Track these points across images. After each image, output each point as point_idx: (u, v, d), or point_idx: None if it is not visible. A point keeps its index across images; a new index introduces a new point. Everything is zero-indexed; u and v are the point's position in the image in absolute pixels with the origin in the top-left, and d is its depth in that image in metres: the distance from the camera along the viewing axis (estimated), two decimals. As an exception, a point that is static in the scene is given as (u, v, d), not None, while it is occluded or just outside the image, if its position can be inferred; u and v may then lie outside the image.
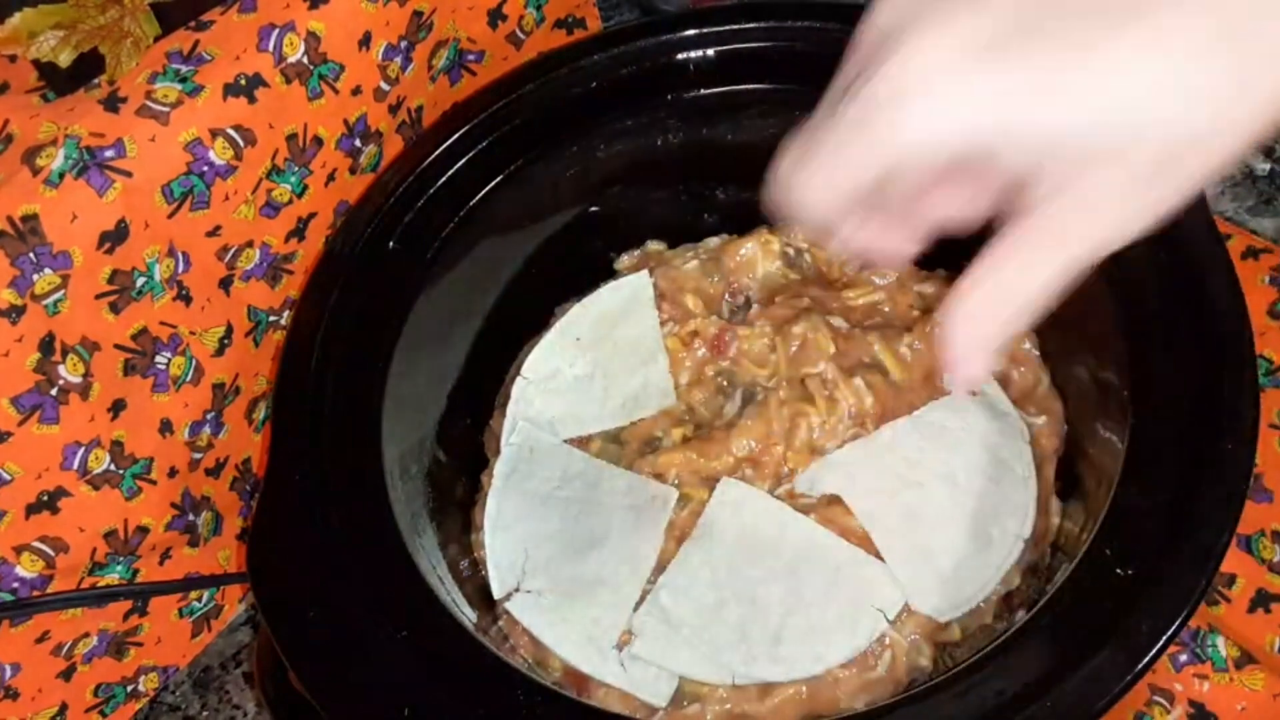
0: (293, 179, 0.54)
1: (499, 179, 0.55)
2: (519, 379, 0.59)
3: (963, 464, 0.51)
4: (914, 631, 0.48)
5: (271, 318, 0.58)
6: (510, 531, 0.54)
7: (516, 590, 0.52)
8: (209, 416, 0.56)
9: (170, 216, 0.50)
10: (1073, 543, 0.49)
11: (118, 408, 0.51)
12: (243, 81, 0.50)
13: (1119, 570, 0.39)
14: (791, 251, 0.62)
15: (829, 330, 0.56)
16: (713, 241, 0.64)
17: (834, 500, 0.51)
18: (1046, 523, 0.51)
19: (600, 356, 0.59)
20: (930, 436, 0.53)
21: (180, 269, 0.51)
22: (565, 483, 0.55)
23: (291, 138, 0.53)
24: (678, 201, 0.63)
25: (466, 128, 0.56)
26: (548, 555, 0.53)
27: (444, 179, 0.55)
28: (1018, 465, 0.52)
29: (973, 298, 0.30)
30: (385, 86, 0.56)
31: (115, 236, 0.48)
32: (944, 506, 0.50)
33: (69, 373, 0.48)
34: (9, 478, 0.48)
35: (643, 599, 0.51)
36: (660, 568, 0.51)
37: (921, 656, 0.48)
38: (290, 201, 0.55)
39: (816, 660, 0.47)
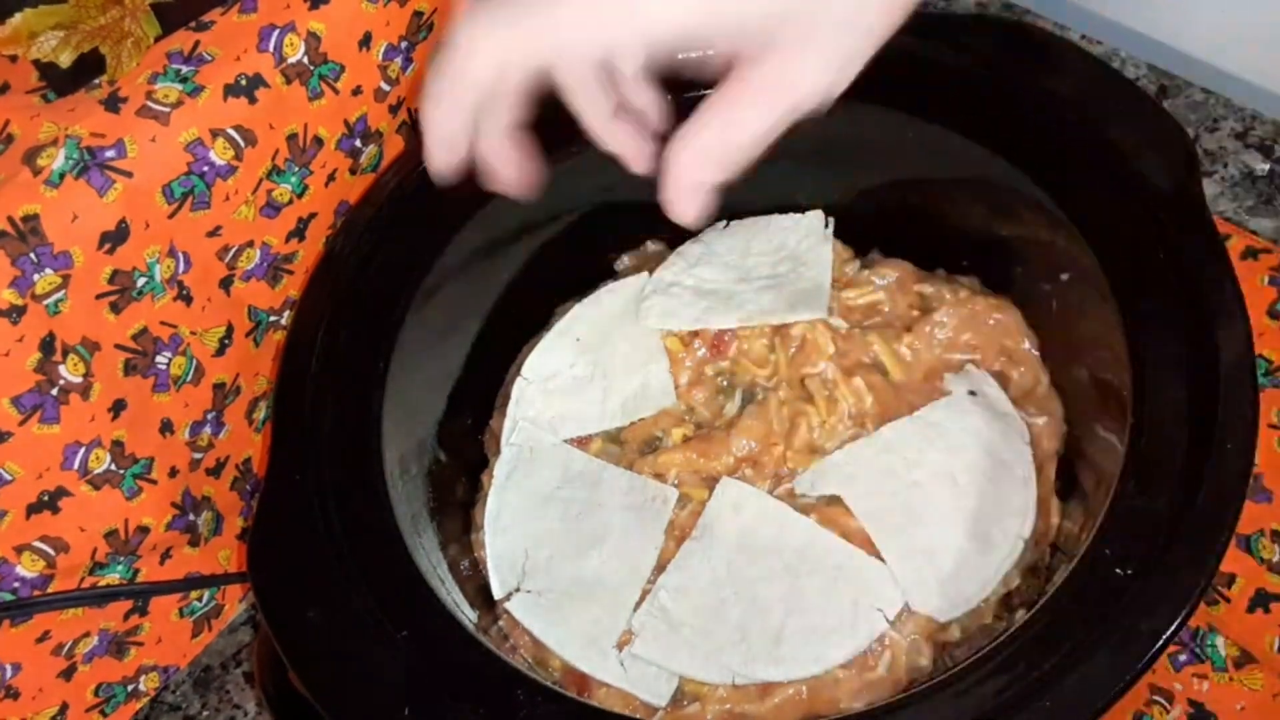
0: (293, 179, 0.54)
1: (499, 179, 0.55)
2: (519, 379, 0.59)
3: (963, 464, 0.51)
4: (914, 632, 0.48)
5: (271, 318, 0.58)
6: (510, 532, 0.54)
7: (516, 590, 0.52)
8: (209, 416, 0.56)
9: (171, 216, 0.50)
10: (1073, 543, 0.49)
11: (118, 408, 0.51)
12: (243, 82, 0.50)
13: (1119, 570, 0.39)
14: (791, 252, 0.62)
15: (829, 330, 0.56)
16: (713, 242, 0.64)
17: (834, 500, 0.51)
18: (1047, 523, 0.51)
19: (600, 357, 0.59)
20: (930, 437, 0.53)
21: (181, 269, 0.52)
22: (565, 483, 0.55)
23: (292, 138, 0.53)
24: (678, 201, 0.63)
25: (467, 128, 0.55)
26: (548, 555, 0.53)
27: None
28: (1018, 466, 0.52)
29: (694, 143, 0.36)
30: (385, 87, 0.56)
31: (116, 236, 0.48)
32: (944, 507, 0.50)
33: (69, 373, 0.48)
34: (9, 478, 0.48)
35: (643, 599, 0.51)
36: (660, 568, 0.51)
37: (921, 656, 0.48)
38: (290, 201, 0.55)
39: (816, 660, 0.47)
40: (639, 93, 0.41)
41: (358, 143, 0.56)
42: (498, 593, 0.53)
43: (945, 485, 0.51)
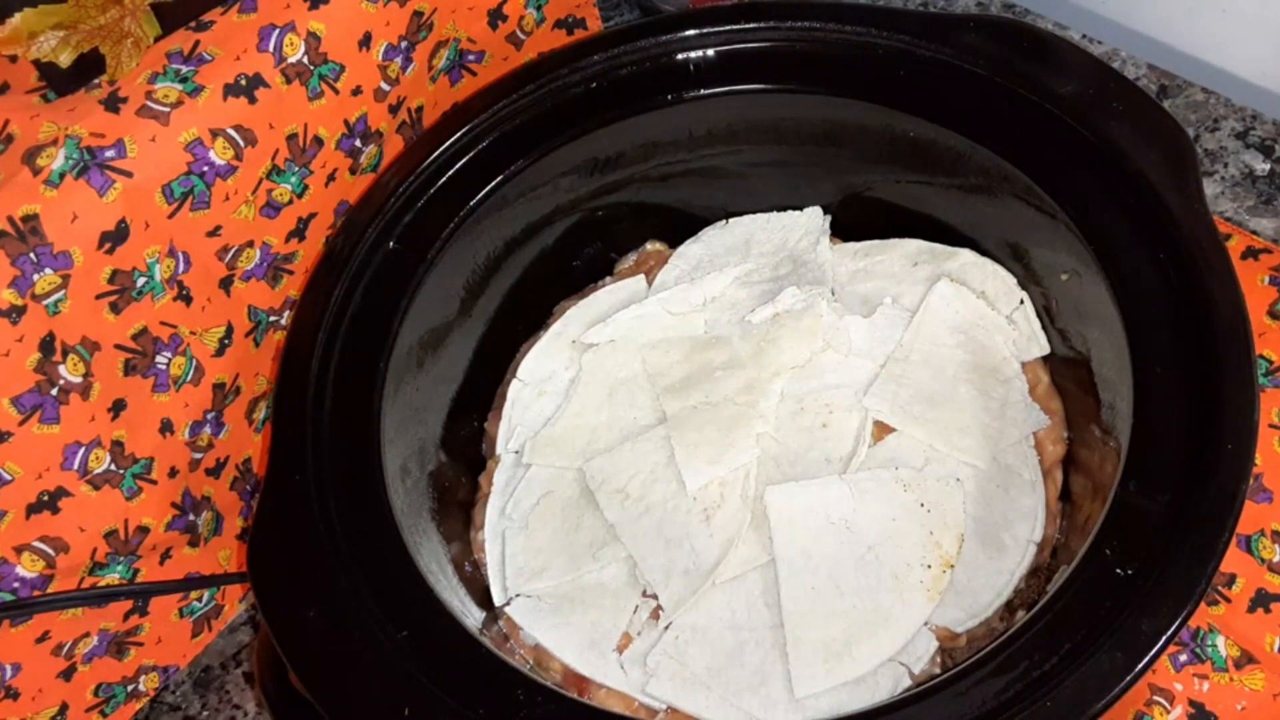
0: (293, 179, 0.54)
1: (499, 179, 0.55)
2: (514, 382, 0.59)
3: (969, 472, 0.51)
4: (929, 652, 0.48)
5: (271, 318, 0.58)
6: (509, 538, 0.54)
7: (517, 595, 0.52)
8: (209, 416, 0.56)
9: (170, 216, 0.50)
10: (1072, 543, 0.49)
11: (118, 408, 0.51)
12: (243, 82, 0.50)
13: (1119, 570, 0.39)
14: (791, 251, 0.62)
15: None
16: (713, 242, 0.64)
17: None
18: (1054, 526, 0.51)
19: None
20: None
21: (180, 269, 0.51)
22: (564, 488, 0.55)
23: (292, 138, 0.53)
24: (678, 201, 0.63)
25: (466, 128, 0.56)
26: (547, 560, 0.53)
27: (444, 179, 0.55)
28: (1024, 470, 0.51)
29: None
30: (385, 86, 0.56)
31: (115, 236, 0.48)
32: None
33: (69, 373, 0.48)
34: (9, 478, 0.48)
35: (642, 602, 0.51)
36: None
37: (934, 667, 0.48)
38: (290, 201, 0.55)
39: (835, 709, 0.46)
40: None
41: (358, 143, 0.56)
42: (498, 598, 0.53)
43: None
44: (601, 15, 0.69)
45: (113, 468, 0.51)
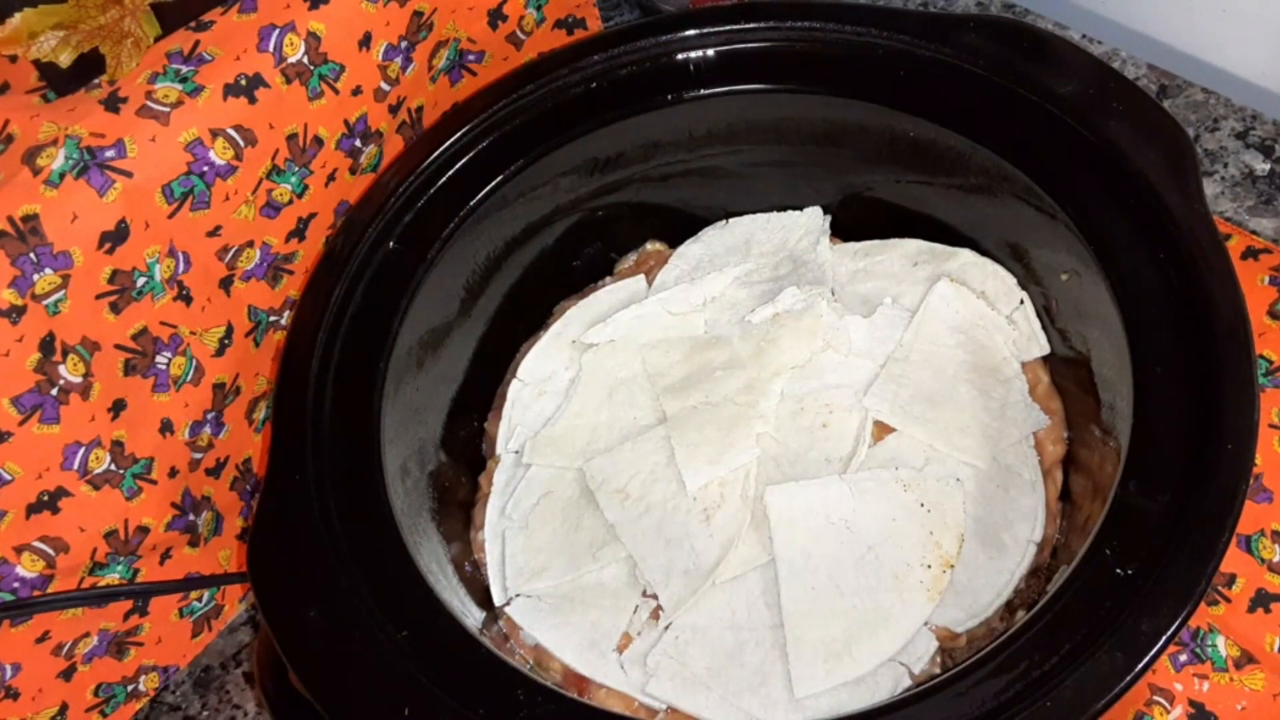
0: (293, 179, 0.54)
1: (499, 179, 0.55)
2: (514, 382, 0.59)
3: (969, 472, 0.51)
4: (929, 653, 0.47)
5: (271, 318, 0.58)
6: (509, 538, 0.54)
7: (517, 595, 0.52)
8: (209, 416, 0.56)
9: (170, 216, 0.50)
10: (1072, 544, 0.49)
11: (118, 408, 0.51)
12: (243, 81, 0.50)
13: (1119, 570, 0.39)
14: (791, 251, 0.62)
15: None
16: (713, 242, 0.64)
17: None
18: (1054, 526, 0.51)
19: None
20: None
21: (180, 269, 0.51)
22: (564, 488, 0.55)
23: (292, 138, 0.53)
24: (678, 201, 0.63)
25: (466, 128, 0.56)
26: (547, 560, 0.53)
27: (444, 179, 0.55)
28: (1024, 470, 0.51)
29: None
30: (385, 86, 0.56)
31: (115, 236, 0.48)
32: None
33: (69, 373, 0.48)
34: (9, 478, 0.48)
35: (642, 602, 0.51)
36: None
37: (934, 667, 0.48)
38: (290, 201, 0.55)
39: (835, 709, 0.46)
40: None
41: (358, 143, 0.56)
42: (498, 598, 0.53)
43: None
44: (601, 15, 0.69)
45: (113, 468, 0.51)
